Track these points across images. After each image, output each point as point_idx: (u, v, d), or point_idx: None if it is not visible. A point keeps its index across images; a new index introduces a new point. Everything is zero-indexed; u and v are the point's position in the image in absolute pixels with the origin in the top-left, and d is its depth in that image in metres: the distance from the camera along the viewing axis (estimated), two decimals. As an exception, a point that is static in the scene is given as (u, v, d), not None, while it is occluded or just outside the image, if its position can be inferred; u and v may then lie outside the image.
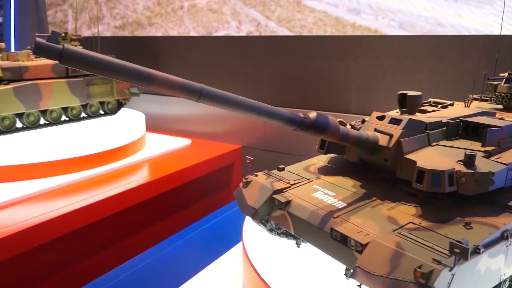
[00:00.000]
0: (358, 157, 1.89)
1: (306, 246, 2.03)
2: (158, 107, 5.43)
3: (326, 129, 1.55)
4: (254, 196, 1.87)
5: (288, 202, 1.75)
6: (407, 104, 2.13)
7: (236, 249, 2.77)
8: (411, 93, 2.11)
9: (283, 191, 1.84)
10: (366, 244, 1.38)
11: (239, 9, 4.77)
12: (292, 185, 1.88)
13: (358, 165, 1.99)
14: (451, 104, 2.25)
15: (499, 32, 2.96)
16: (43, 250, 3.01)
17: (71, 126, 4.28)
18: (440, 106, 2.22)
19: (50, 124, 4.16)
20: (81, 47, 4.35)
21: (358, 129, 1.86)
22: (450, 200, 1.60)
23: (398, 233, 1.40)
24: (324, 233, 1.55)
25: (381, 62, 3.88)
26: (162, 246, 3.29)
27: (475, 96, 2.65)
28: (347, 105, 4.17)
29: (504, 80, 2.31)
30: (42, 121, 4.10)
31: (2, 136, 3.75)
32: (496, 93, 2.32)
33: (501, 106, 2.36)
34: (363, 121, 2.11)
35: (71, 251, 3.26)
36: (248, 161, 2.03)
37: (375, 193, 1.75)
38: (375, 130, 1.72)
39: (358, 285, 1.49)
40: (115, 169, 4.04)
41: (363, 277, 1.29)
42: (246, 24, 4.71)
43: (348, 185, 1.86)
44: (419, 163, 1.54)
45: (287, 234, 2.02)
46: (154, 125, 5.28)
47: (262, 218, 1.96)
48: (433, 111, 2.10)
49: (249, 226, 2.36)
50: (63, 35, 4.56)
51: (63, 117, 4.29)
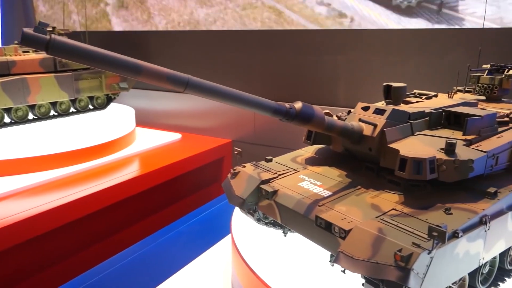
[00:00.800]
0: (344, 147, 1.93)
1: (294, 236, 2.07)
2: (148, 102, 5.42)
3: (312, 119, 1.58)
4: (242, 187, 1.89)
5: (275, 192, 1.78)
6: (392, 95, 2.16)
7: (226, 241, 2.80)
8: (396, 85, 2.14)
9: (270, 181, 1.87)
10: (349, 230, 1.41)
11: None
12: (279, 176, 1.91)
13: (344, 156, 2.03)
14: (435, 95, 2.30)
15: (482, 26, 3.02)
16: (32, 244, 3.01)
17: (60, 121, 4.26)
18: (424, 97, 2.26)
19: (39, 119, 4.14)
20: (69, 42, 4.32)
21: (344, 120, 1.90)
22: (432, 188, 1.65)
23: (380, 219, 1.44)
24: (309, 221, 1.59)
25: (369, 56, 3.92)
26: (153, 239, 3.31)
27: (459, 88, 2.70)
28: (336, 99, 4.20)
29: (487, 72, 2.36)
30: (31, 116, 4.08)
31: (-10, 131, 3.73)
32: (479, 85, 2.37)
33: (484, 97, 2.41)
34: (349, 113, 2.14)
35: (61, 245, 3.27)
36: (236, 152, 2.06)
37: (360, 182, 1.78)
38: (360, 120, 1.75)
39: (342, 271, 1.53)
40: (105, 164, 4.03)
41: (346, 262, 1.33)
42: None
43: (334, 175, 1.89)
44: (402, 152, 1.58)
45: (275, 224, 2.05)
46: (144, 120, 5.27)
47: (250, 208, 1.99)
48: (417, 102, 2.14)
49: (238, 218, 2.39)
50: (51, 29, 4.52)
51: (52, 112, 4.27)
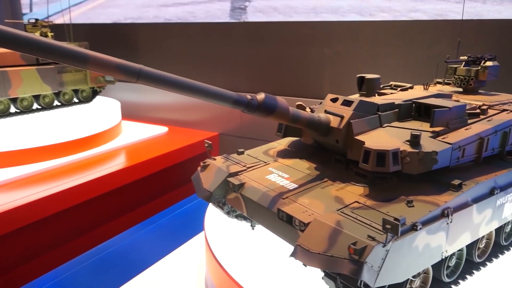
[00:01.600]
0: (314, 140, 1.90)
1: (265, 231, 2.05)
2: (135, 95, 5.38)
3: (275, 111, 1.55)
4: (210, 180, 1.87)
5: (242, 185, 1.76)
6: (366, 87, 2.15)
7: (202, 236, 2.79)
8: (369, 76, 2.12)
9: (239, 174, 1.84)
10: (309, 223, 1.39)
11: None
12: (248, 168, 1.89)
13: (316, 148, 2.00)
14: (411, 87, 2.27)
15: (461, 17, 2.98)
16: (15, 236, 3.00)
17: (44, 115, 4.22)
18: (400, 89, 2.24)
19: (22, 113, 4.10)
20: (52, 34, 4.28)
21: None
22: (398, 180, 1.62)
23: (341, 212, 1.42)
24: (272, 214, 1.57)
25: (354, 48, 3.88)
26: (133, 232, 3.30)
27: (439, 80, 2.67)
28: (322, 91, 4.17)
29: (464, 63, 2.33)
30: (13, 110, 4.04)
31: (-29, 125, 3.69)
32: (455, 76, 2.34)
33: (461, 89, 2.39)
34: (322, 104, 2.11)
35: (42, 237, 3.25)
36: (206, 145, 2.03)
37: (328, 175, 1.76)
38: (325, 112, 1.73)
39: (304, 265, 1.51)
40: (89, 157, 4.01)
41: (302, 256, 1.31)
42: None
43: (303, 167, 1.87)
44: (367, 144, 1.56)
45: (243, 216, 2.03)
46: (131, 113, 5.24)
47: (219, 201, 1.97)
48: (391, 94, 2.11)
49: (211, 214, 2.37)
50: (34, 22, 4.47)
51: (35, 106, 4.23)
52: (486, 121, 1.77)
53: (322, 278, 1.41)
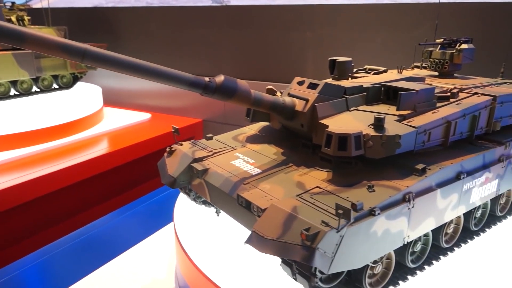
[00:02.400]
0: (281, 124, 1.86)
1: (234, 221, 2.01)
2: (118, 82, 5.29)
3: (235, 94, 1.50)
4: (175, 165, 1.83)
5: (205, 170, 1.72)
6: (337, 70, 2.09)
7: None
8: (341, 59, 2.07)
9: (204, 160, 1.80)
10: (266, 209, 1.36)
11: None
12: (214, 154, 1.85)
13: (285, 133, 1.96)
14: (385, 71, 2.22)
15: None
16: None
17: (23, 101, 4.13)
18: (373, 73, 2.18)
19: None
20: (29, 18, 4.16)
21: None
22: (363, 165, 1.59)
23: (300, 198, 1.38)
24: (233, 200, 1.53)
25: (336, 32, 3.81)
26: (114, 215, 3.27)
27: (416, 64, 2.63)
28: (305, 76, 4.11)
29: (439, 46, 2.28)
30: (-11, 96, 3.96)
31: None
32: (431, 60, 2.30)
33: (437, 73, 2.34)
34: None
35: (21, 222, 3.21)
36: (173, 130, 1.98)
37: (293, 160, 1.72)
38: (289, 95, 1.68)
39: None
40: (70, 143, 3.95)
41: (257, 242, 1.27)
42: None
43: (270, 153, 1.83)
44: (330, 128, 1.52)
45: (209, 203, 1.99)
46: (113, 100, 5.16)
47: (185, 188, 1.93)
48: (364, 77, 2.06)
49: (182, 203, 2.33)
50: (10, 6, 4.34)
51: (13, 92, 4.14)
52: (455, 105, 1.73)
53: (280, 265, 1.38)
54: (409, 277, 1.64)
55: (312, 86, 1.69)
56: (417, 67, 2.60)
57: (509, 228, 2.07)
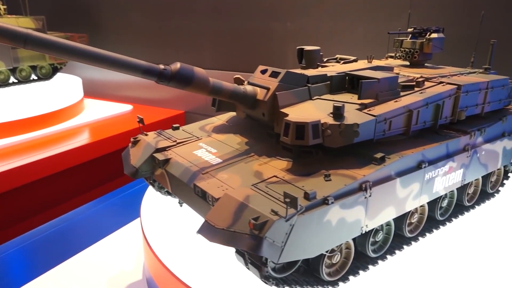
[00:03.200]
0: (246, 114, 1.83)
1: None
2: (99, 73, 5.22)
3: (191, 81, 1.47)
4: (138, 155, 1.80)
5: (167, 160, 1.69)
6: (305, 59, 2.08)
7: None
8: (308, 48, 2.05)
9: (166, 150, 1.78)
10: (219, 199, 1.34)
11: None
12: (178, 144, 1.82)
13: (252, 123, 1.94)
14: (355, 60, 2.20)
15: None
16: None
17: (0, 92, 4.06)
18: (343, 62, 2.16)
19: (-26, 90, 3.94)
20: (5, 7, 4.08)
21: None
22: (324, 154, 1.57)
23: (254, 187, 1.36)
24: (191, 190, 1.51)
25: (317, 23, 3.78)
26: (88, 207, 3.25)
27: (391, 54, 2.61)
28: (286, 67, 4.08)
29: (410, 36, 2.26)
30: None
31: None
32: (401, 49, 2.28)
33: (409, 63, 2.33)
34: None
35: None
36: (138, 120, 1.95)
37: (256, 149, 1.70)
38: (248, 83, 1.65)
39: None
40: (47, 135, 3.89)
41: (207, 232, 1.25)
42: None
43: (234, 142, 1.80)
44: (289, 117, 1.50)
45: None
46: (95, 91, 5.10)
47: (149, 178, 1.91)
48: (331, 66, 2.04)
49: (149, 198, 2.31)
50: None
51: (-12, 82, 4.07)
52: (418, 94, 1.71)
53: (235, 254, 1.36)
54: (370, 267, 1.63)
55: (274, 75, 1.67)
56: (392, 57, 2.58)
57: (476, 218, 2.08)
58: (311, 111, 1.58)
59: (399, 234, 1.78)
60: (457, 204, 2.06)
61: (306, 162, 1.54)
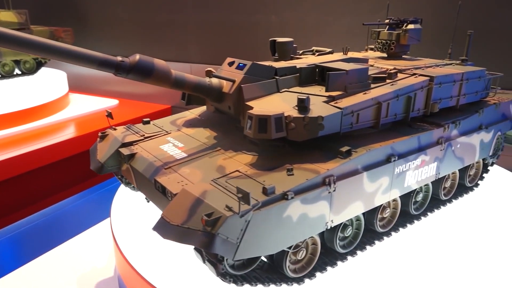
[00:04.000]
0: (214, 107, 1.79)
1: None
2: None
3: (151, 73, 1.43)
4: (104, 150, 1.76)
5: (132, 155, 1.65)
6: (278, 51, 2.03)
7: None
8: (281, 40, 2.00)
9: (133, 144, 1.73)
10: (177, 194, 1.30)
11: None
12: (146, 138, 1.78)
13: (221, 116, 1.90)
14: (330, 52, 2.16)
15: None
16: None
17: (-19, 87, 4.01)
18: (317, 54, 2.12)
19: (-45, 85, 3.88)
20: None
21: None
22: (291, 148, 1.53)
23: (214, 182, 1.32)
24: (152, 185, 1.47)
25: (301, 15, 3.73)
26: (65, 204, 3.21)
27: (371, 46, 2.56)
28: (270, 59, 4.03)
29: (387, 27, 2.22)
30: None
31: None
32: (378, 41, 2.24)
33: (386, 55, 2.29)
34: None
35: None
36: (106, 114, 1.91)
37: (224, 144, 1.66)
38: (212, 75, 1.61)
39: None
40: (31, 129, 3.84)
41: (162, 229, 1.21)
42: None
43: (203, 137, 1.76)
44: (253, 110, 1.46)
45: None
46: (80, 86, 5.04)
47: (116, 173, 1.87)
48: (304, 58, 2.00)
49: (121, 195, 2.27)
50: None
51: (-30, 77, 4.01)
52: (389, 86, 1.67)
53: (194, 251, 1.33)
54: (339, 263, 1.60)
55: (240, 67, 1.62)
56: (372, 49, 2.54)
57: (452, 213, 2.05)
58: (277, 104, 1.54)
59: (371, 229, 1.75)
60: (434, 198, 2.03)
61: (271, 157, 1.50)
